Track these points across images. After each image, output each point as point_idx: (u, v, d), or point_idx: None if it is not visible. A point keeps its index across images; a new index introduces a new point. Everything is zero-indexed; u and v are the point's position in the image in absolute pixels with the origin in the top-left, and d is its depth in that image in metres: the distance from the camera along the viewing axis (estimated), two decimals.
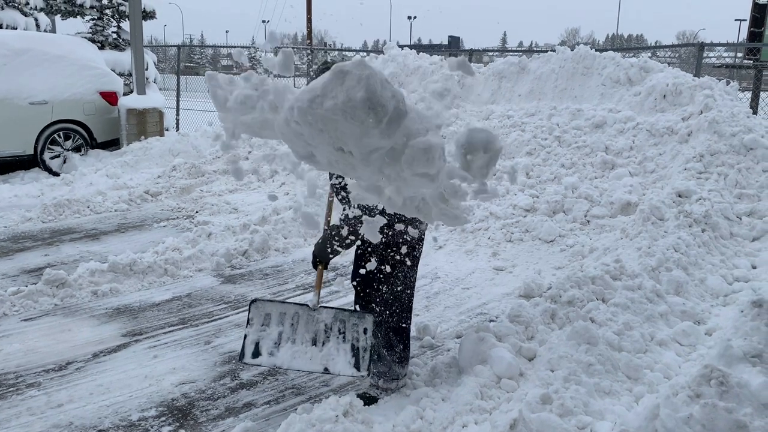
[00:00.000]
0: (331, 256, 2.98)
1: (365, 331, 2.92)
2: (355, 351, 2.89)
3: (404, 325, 3.08)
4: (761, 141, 5.45)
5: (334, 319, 2.96)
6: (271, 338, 2.93)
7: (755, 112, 8.10)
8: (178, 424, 2.89)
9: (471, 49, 12.52)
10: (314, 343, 2.92)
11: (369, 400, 2.98)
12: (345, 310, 3.06)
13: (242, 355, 2.92)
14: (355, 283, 3.23)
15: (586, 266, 4.40)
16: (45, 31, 14.32)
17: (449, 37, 30.02)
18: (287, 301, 3.41)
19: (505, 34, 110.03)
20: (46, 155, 8.78)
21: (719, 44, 11.96)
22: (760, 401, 2.26)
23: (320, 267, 3.05)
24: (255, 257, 5.30)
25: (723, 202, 4.90)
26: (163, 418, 2.93)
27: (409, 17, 64.18)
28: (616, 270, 3.80)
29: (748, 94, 9.62)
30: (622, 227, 5.02)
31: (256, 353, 2.91)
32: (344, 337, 2.92)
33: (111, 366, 3.42)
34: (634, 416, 2.49)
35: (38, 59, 8.73)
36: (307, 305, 2.99)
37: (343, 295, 4.39)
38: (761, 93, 9.52)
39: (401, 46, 9.07)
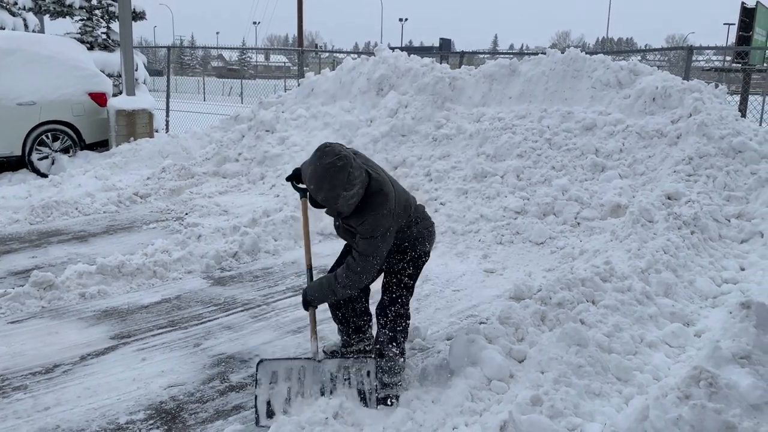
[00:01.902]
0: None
1: (368, 374, 2.95)
2: (362, 395, 2.93)
3: (406, 319, 3.15)
4: (749, 144, 5.49)
5: (338, 367, 2.96)
6: (281, 395, 2.89)
7: (744, 115, 8.15)
8: (166, 427, 2.87)
9: (462, 51, 12.53)
10: (322, 393, 2.91)
11: (394, 399, 3.00)
12: (347, 357, 3.13)
13: (257, 419, 2.86)
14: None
15: (576, 268, 4.40)
16: (33, 31, 14.20)
17: (440, 39, 30.00)
18: (292, 357, 3.41)
19: (496, 37, 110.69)
20: (34, 156, 8.68)
21: (708, 48, 12.05)
22: (749, 402, 2.27)
23: (311, 309, 3.06)
24: (245, 259, 5.28)
25: (712, 204, 4.93)
26: (152, 421, 2.91)
27: (401, 19, 64.23)
28: (606, 272, 3.81)
29: (737, 98, 9.69)
30: (612, 229, 5.04)
31: (270, 413, 2.85)
32: (350, 383, 2.94)
33: (99, 369, 3.39)
34: (623, 417, 2.50)
35: (26, 60, 8.65)
36: (312, 358, 2.97)
37: None
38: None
39: (392, 48, 9.06)
